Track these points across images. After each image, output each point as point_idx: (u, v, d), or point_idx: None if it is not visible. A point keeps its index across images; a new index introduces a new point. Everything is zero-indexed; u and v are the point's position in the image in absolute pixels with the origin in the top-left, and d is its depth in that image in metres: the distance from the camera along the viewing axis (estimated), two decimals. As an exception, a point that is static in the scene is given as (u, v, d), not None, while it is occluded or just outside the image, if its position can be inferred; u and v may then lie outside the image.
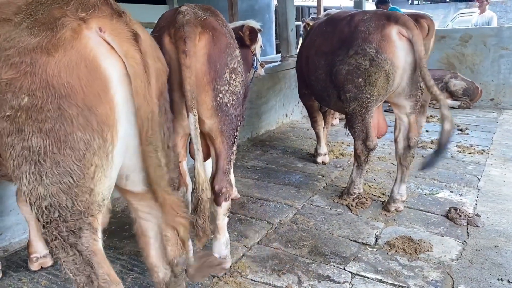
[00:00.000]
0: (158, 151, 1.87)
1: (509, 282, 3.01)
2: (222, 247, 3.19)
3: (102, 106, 1.70)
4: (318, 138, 5.54)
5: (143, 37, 1.82)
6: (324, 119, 5.56)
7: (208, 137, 3.00)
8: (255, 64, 4.49)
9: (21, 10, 1.71)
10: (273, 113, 7.41)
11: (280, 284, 3.05)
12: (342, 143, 6.39)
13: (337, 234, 3.72)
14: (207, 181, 2.72)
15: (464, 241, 3.55)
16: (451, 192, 4.55)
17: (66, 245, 1.82)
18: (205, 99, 2.78)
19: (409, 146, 3.93)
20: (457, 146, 6.08)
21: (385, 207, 4.15)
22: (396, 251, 3.40)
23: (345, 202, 4.30)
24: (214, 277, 3.13)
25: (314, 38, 4.41)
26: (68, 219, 1.78)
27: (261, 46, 4.62)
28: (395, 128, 4.02)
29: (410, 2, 28.62)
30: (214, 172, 3.05)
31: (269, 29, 12.98)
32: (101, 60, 1.69)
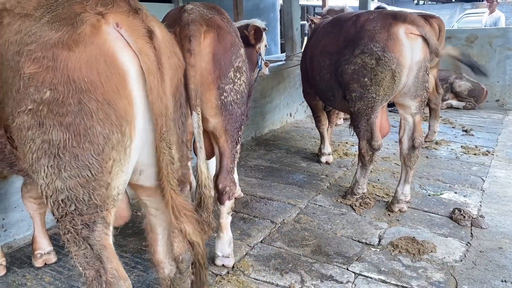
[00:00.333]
0: (172, 148, 1.87)
1: (513, 284, 3.00)
2: (225, 246, 3.19)
3: (121, 101, 1.71)
4: (322, 137, 5.53)
5: (159, 33, 1.83)
6: (328, 119, 5.55)
7: (212, 135, 3.01)
8: (260, 63, 4.49)
9: (41, 5, 1.73)
10: (277, 112, 7.40)
11: (282, 283, 3.05)
12: (346, 143, 6.38)
13: (340, 234, 3.72)
14: (210, 178, 2.73)
15: (468, 242, 3.54)
16: (456, 193, 4.53)
17: (79, 238, 1.83)
18: (209, 98, 2.79)
19: (413, 147, 3.92)
20: (461, 147, 6.05)
21: (388, 208, 4.14)
22: (399, 252, 3.39)
23: (348, 202, 4.30)
24: (217, 275, 3.13)
25: (320, 38, 4.40)
26: (84, 213, 1.79)
27: (265, 45, 4.61)
28: (400, 128, 4.00)
29: (415, 2, 28.54)
30: (218, 170, 3.06)
31: (274, 28, 12.97)
32: (119, 55, 1.70)
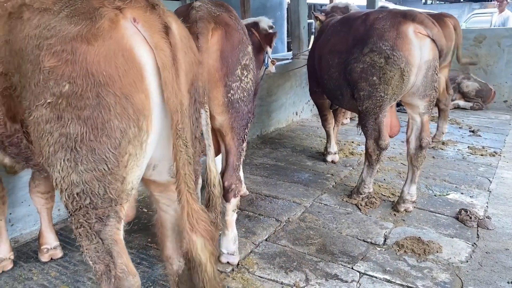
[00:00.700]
0: (188, 146, 1.85)
1: (519, 285, 2.99)
2: (230, 243, 3.20)
3: (138, 95, 1.72)
4: (328, 136, 5.52)
5: (176, 29, 1.83)
6: (334, 118, 5.54)
7: (218, 133, 3.01)
8: (266, 61, 4.49)
9: None
10: (283, 111, 7.39)
11: (287, 281, 3.05)
12: (352, 142, 6.36)
13: (345, 233, 3.71)
14: (219, 177, 2.73)
15: (474, 243, 3.52)
16: (462, 193, 4.50)
17: (91, 232, 1.84)
18: (216, 95, 2.79)
19: (421, 147, 3.90)
20: (468, 147, 6.02)
21: (394, 207, 4.12)
22: (405, 252, 3.38)
23: (354, 202, 4.29)
24: (222, 272, 3.14)
25: (328, 36, 4.39)
26: (98, 206, 1.80)
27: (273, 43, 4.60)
28: (408, 128, 3.99)
29: (423, 2, 28.37)
30: (224, 168, 3.06)
31: (280, 26, 12.95)
32: (136, 50, 1.71)
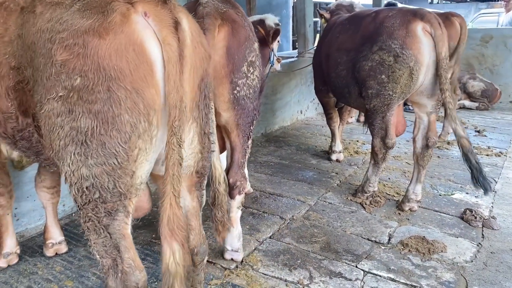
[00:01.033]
0: (182, 146, 1.82)
1: (524, 286, 2.97)
2: (234, 240, 3.20)
3: (149, 90, 1.72)
4: (333, 135, 5.51)
5: (186, 24, 1.82)
6: (339, 116, 5.52)
7: (224, 130, 3.01)
8: (272, 59, 4.48)
9: None
10: (287, 109, 7.38)
11: (291, 279, 3.05)
12: (357, 141, 6.35)
13: (349, 232, 3.70)
14: (224, 174, 2.73)
15: (479, 243, 3.51)
16: (467, 193, 4.49)
17: (99, 226, 1.85)
18: (222, 92, 2.79)
19: (427, 146, 3.88)
20: (474, 147, 5.97)
21: (399, 206, 4.11)
22: (409, 251, 3.37)
23: (359, 200, 4.28)
24: (226, 269, 3.14)
25: (337, 34, 4.38)
26: (107, 200, 1.80)
27: (278, 41, 4.60)
28: (414, 127, 3.98)
29: (429, 1, 28.22)
30: (229, 165, 3.06)
31: (286, 24, 12.91)
32: (147, 44, 1.71)
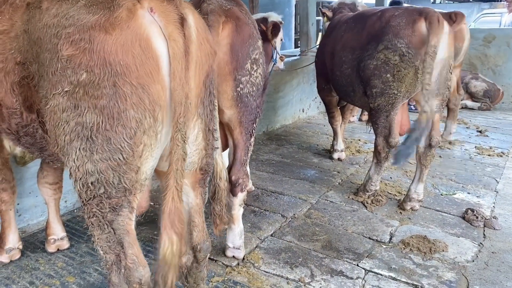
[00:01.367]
0: (186, 142, 1.83)
1: (525, 286, 2.97)
2: (236, 237, 3.20)
3: (155, 86, 1.72)
4: (335, 134, 5.51)
5: (191, 20, 1.83)
6: (342, 115, 5.52)
7: (226, 127, 3.01)
8: (275, 57, 4.48)
9: None
10: (289, 107, 7.38)
11: (292, 277, 3.05)
12: (359, 140, 6.35)
13: (351, 231, 3.70)
14: (225, 170, 2.73)
15: (480, 243, 3.51)
16: (469, 193, 4.48)
17: (104, 222, 1.85)
18: (225, 89, 2.79)
19: (430, 145, 3.87)
20: (476, 147, 5.98)
21: (400, 206, 4.11)
22: (410, 250, 3.37)
23: (360, 199, 4.28)
24: (227, 266, 3.14)
25: (341, 33, 4.37)
26: (112, 196, 1.81)
27: (281, 39, 4.60)
28: (418, 126, 3.96)
29: (432, 1, 28.17)
30: (232, 162, 3.06)
31: (288, 23, 12.92)
32: (153, 40, 1.71)
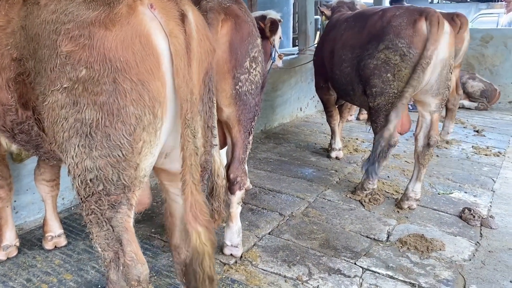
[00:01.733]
0: (196, 137, 1.83)
1: (522, 285, 2.98)
2: (234, 235, 3.20)
3: (154, 82, 1.71)
4: (333, 132, 5.51)
5: (192, 17, 1.82)
6: (339, 114, 5.52)
7: (225, 125, 3.01)
8: (273, 55, 4.47)
9: None
10: (287, 106, 7.38)
11: (290, 275, 3.06)
12: (357, 139, 6.36)
13: (348, 229, 3.71)
14: (223, 167, 2.73)
15: (477, 242, 3.52)
16: (465, 192, 4.50)
17: (102, 219, 1.84)
18: (224, 87, 2.79)
19: (428, 145, 3.88)
20: (473, 147, 6.00)
21: (398, 204, 4.12)
22: (408, 249, 3.38)
23: (358, 198, 4.29)
24: (225, 264, 3.15)
25: (341, 31, 4.37)
26: (111, 193, 1.80)
27: (280, 38, 4.59)
28: (417, 125, 3.98)
29: (429, 1, 28.20)
30: (230, 160, 3.06)
31: (286, 21, 12.89)
32: (153, 37, 1.71)
